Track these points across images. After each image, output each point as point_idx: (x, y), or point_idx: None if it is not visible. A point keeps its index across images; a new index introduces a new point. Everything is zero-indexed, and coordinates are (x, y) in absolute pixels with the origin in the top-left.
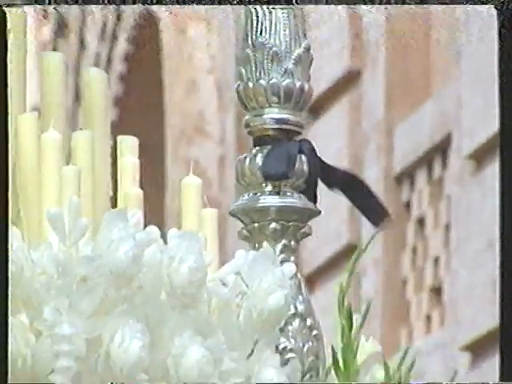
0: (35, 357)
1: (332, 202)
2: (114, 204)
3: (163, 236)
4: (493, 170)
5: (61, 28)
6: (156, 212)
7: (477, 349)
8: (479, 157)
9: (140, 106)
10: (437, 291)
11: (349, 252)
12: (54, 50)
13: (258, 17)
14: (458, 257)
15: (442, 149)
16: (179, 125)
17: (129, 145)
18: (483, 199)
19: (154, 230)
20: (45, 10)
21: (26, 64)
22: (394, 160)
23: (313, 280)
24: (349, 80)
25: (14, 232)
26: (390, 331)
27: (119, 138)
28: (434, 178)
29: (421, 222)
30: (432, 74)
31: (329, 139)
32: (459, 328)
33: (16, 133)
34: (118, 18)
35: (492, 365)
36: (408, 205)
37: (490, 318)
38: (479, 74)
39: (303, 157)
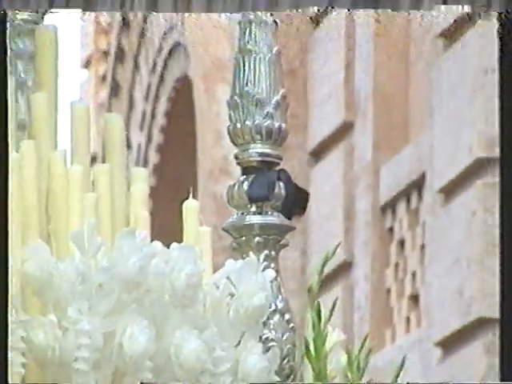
0: (62, 348)
1: (331, 229)
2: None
3: None
4: (458, 202)
5: (114, 90)
6: None
7: (447, 344)
8: (447, 191)
9: (177, 152)
10: (414, 298)
11: (344, 268)
12: (109, 108)
13: (244, 70)
14: (430, 271)
15: (417, 185)
16: (208, 167)
17: (139, 175)
18: (451, 225)
19: (158, 244)
20: (103, 78)
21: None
22: (379, 194)
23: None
24: (344, 130)
25: (44, 248)
26: (377, 331)
27: (132, 169)
28: (412, 208)
29: (401, 243)
30: (410, 126)
31: (327, 178)
32: (433, 328)
33: (49, 166)
34: (161, 81)
35: (459, 357)
36: (391, 230)
37: (457, 320)
38: (449, 125)
39: (281, 183)
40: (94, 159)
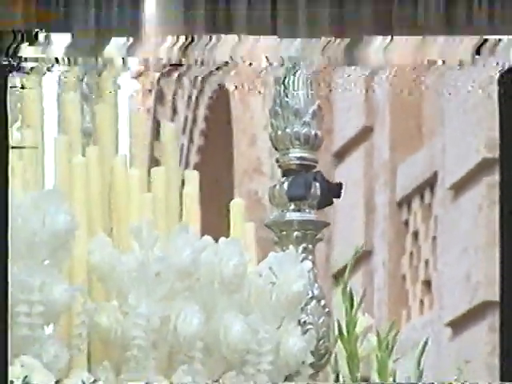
0: (123, 330)
1: (353, 221)
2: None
3: None
4: (466, 198)
5: (160, 99)
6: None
7: (456, 325)
8: (457, 188)
9: (216, 154)
10: (427, 283)
11: (364, 256)
12: (154, 115)
13: (284, 84)
14: (441, 259)
15: (430, 183)
16: (243, 166)
17: (191, 177)
18: (460, 218)
19: (208, 238)
20: (149, 90)
21: (118, 120)
22: (396, 190)
23: (338, 277)
24: (364, 133)
25: (107, 241)
26: (394, 313)
27: (185, 172)
28: (425, 203)
29: (415, 234)
30: (424, 129)
31: (350, 176)
32: (443, 310)
33: (111, 169)
34: (200, 91)
35: (467, 336)
36: (406, 223)
37: (465, 303)
38: (458, 130)
39: (317, 184)
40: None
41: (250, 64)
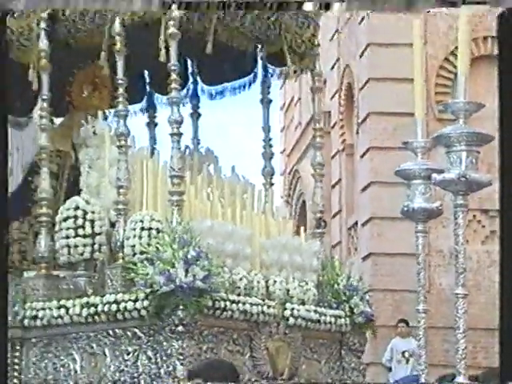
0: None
1: (335, 235)
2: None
3: None
4: (364, 228)
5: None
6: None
7: (368, 257)
8: (363, 224)
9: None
10: (355, 248)
11: (338, 243)
12: (287, 200)
13: (313, 199)
14: (358, 243)
15: (356, 224)
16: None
17: (291, 222)
18: (362, 233)
19: (290, 237)
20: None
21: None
22: (347, 225)
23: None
24: (336, 213)
25: (263, 238)
26: (346, 256)
27: (292, 221)
28: (355, 229)
29: (352, 237)
30: (352, 205)
31: (334, 226)
32: (360, 255)
33: (265, 218)
34: (293, 193)
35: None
36: (350, 234)
37: (358, 254)
38: (365, 206)
39: (322, 223)
40: None
41: None
